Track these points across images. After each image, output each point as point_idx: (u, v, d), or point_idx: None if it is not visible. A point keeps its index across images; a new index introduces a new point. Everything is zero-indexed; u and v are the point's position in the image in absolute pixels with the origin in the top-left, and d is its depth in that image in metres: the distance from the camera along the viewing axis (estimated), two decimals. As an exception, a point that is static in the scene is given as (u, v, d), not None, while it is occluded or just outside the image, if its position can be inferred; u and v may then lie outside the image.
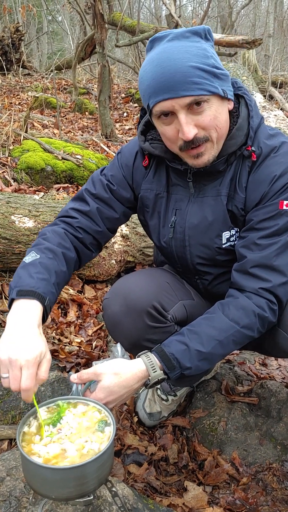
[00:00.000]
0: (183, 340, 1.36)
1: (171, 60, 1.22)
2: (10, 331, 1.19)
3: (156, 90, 1.25)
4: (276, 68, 11.67)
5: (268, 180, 1.38)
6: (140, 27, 7.25)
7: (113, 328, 1.55)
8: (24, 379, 1.12)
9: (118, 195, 1.57)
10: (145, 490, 1.58)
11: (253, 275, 1.40)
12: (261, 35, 14.00)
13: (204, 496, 1.58)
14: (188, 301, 1.64)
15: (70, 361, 2.15)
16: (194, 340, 1.35)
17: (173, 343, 1.36)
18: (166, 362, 1.34)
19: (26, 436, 1.16)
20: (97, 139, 6.00)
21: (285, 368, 2.30)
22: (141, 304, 1.48)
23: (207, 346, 1.35)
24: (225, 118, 1.34)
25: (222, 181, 1.45)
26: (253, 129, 1.40)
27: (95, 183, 1.58)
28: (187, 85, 1.22)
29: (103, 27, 5.80)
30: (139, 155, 1.57)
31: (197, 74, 1.22)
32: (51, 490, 1.09)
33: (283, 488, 1.64)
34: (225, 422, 1.83)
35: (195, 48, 1.24)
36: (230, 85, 1.35)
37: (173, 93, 1.23)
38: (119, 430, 1.81)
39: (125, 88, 11.19)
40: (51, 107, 8.25)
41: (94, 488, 1.14)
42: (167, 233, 1.56)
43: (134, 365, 1.33)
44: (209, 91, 1.25)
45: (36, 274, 1.31)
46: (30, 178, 4.25)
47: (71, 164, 4.45)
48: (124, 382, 1.30)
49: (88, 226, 1.53)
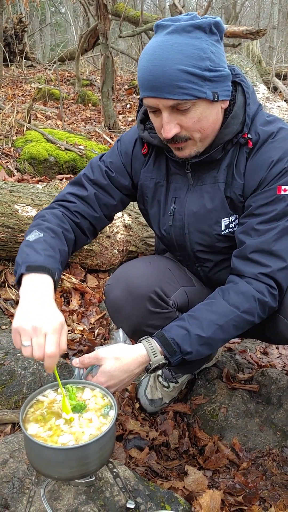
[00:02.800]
0: (184, 325, 1.37)
1: (162, 59, 1.21)
2: (28, 301, 1.19)
3: (144, 85, 1.27)
4: (280, 59, 11.59)
5: (265, 165, 1.38)
6: (144, 18, 7.21)
7: (114, 314, 1.56)
8: (49, 345, 1.12)
9: (116, 182, 1.58)
10: (146, 474, 1.60)
11: (252, 261, 1.41)
12: (265, 27, 13.90)
13: (204, 480, 1.60)
14: (190, 288, 1.65)
15: (73, 349, 2.17)
16: (195, 325, 1.36)
17: (173, 328, 1.37)
18: (167, 346, 1.35)
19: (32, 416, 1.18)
20: (100, 130, 6.00)
21: (286, 357, 2.32)
22: (143, 290, 1.49)
23: (207, 331, 1.36)
24: (213, 119, 1.33)
25: (219, 168, 1.46)
26: (249, 117, 1.39)
27: (94, 169, 1.58)
28: (172, 88, 1.22)
29: (107, 17, 5.78)
30: (138, 143, 1.58)
31: (184, 78, 1.21)
32: (54, 470, 1.11)
33: (282, 473, 1.66)
34: (225, 409, 1.85)
35: (191, 47, 1.21)
36: (227, 85, 1.33)
37: (158, 93, 1.24)
38: (121, 415, 1.83)
39: (128, 79, 11.15)
40: (54, 99, 8.23)
41: (96, 468, 1.16)
42: (166, 221, 1.57)
43: (135, 350, 1.34)
44: (194, 96, 1.24)
45: (43, 251, 1.31)
46: (33, 168, 4.26)
47: (74, 155, 4.46)
48: (125, 367, 1.31)
49: (85, 211, 1.54)
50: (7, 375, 1.78)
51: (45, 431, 1.14)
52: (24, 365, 1.83)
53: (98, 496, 1.31)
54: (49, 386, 1.28)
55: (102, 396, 1.26)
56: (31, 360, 1.84)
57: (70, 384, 1.30)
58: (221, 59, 1.29)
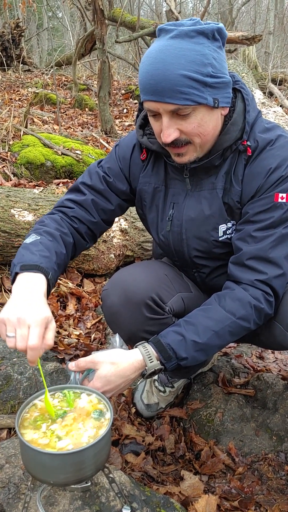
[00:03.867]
0: (180, 331, 1.37)
1: (164, 63, 1.21)
2: (17, 295, 1.21)
3: (145, 89, 1.27)
4: (276, 65, 11.66)
5: (263, 172, 1.39)
6: (140, 23, 7.25)
7: (111, 319, 1.56)
8: (32, 337, 1.13)
9: (114, 187, 1.59)
10: (142, 479, 1.60)
11: (249, 267, 1.42)
12: (261, 32, 13.97)
13: (200, 485, 1.60)
14: (186, 294, 1.66)
15: (69, 353, 2.17)
16: (190, 331, 1.37)
17: (169, 334, 1.38)
18: (163, 352, 1.35)
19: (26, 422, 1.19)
20: (96, 135, 6.01)
21: (281, 361, 2.32)
22: (139, 296, 1.50)
23: (203, 337, 1.36)
24: (213, 125, 1.34)
25: (217, 175, 1.46)
26: (249, 124, 1.40)
27: (92, 174, 1.59)
28: (173, 93, 1.22)
29: (103, 23, 5.80)
30: (136, 148, 1.58)
31: (186, 83, 1.22)
32: (49, 475, 1.11)
33: (278, 477, 1.66)
34: (221, 413, 1.85)
35: (194, 53, 1.22)
36: (228, 92, 1.33)
37: (159, 97, 1.25)
38: (117, 420, 1.83)
39: (125, 84, 11.18)
40: (51, 103, 8.25)
41: (91, 474, 1.16)
42: (164, 227, 1.58)
43: (131, 355, 1.34)
44: (195, 101, 1.24)
45: (38, 251, 1.34)
46: (30, 173, 4.26)
47: (70, 160, 4.47)
48: (121, 372, 1.31)
49: (83, 216, 1.55)
50: (3, 380, 1.78)
51: (41, 437, 1.15)
52: (20, 370, 1.83)
53: (93, 501, 1.31)
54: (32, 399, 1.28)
55: (99, 401, 1.26)
56: (27, 365, 1.84)
57: (67, 389, 1.30)
58: (223, 66, 1.29)
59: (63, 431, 1.17)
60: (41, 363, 1.22)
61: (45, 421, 1.20)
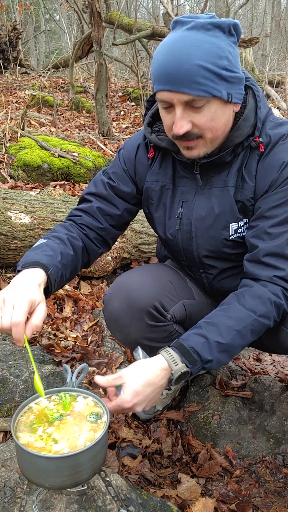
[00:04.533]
0: (201, 332, 1.32)
1: (181, 53, 1.20)
2: (9, 285, 1.24)
3: (160, 78, 1.25)
4: (273, 67, 11.69)
5: (277, 167, 1.37)
6: (137, 26, 7.26)
7: (112, 324, 1.55)
8: (15, 313, 1.15)
9: (118, 191, 1.58)
10: (139, 482, 1.59)
11: (266, 264, 1.39)
12: (258, 35, 14.02)
13: (198, 488, 1.59)
14: (189, 301, 1.64)
15: (65, 356, 2.16)
16: (213, 332, 1.31)
17: (191, 337, 1.32)
18: (187, 356, 1.28)
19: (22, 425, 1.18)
20: (94, 137, 6.01)
21: (279, 363, 2.32)
22: (142, 303, 1.48)
23: (226, 337, 1.30)
24: (225, 121, 1.32)
25: (229, 172, 1.44)
26: (260, 120, 1.38)
27: (97, 183, 1.60)
28: (188, 83, 1.21)
29: (100, 25, 5.81)
30: (141, 147, 1.57)
31: (202, 74, 1.20)
32: (45, 479, 1.11)
33: (275, 480, 1.66)
34: (219, 416, 1.85)
35: (210, 45, 1.21)
36: (241, 88, 1.32)
37: (174, 87, 1.23)
38: (114, 423, 1.82)
39: (123, 87, 11.20)
40: (48, 106, 8.25)
41: (87, 477, 1.15)
42: (173, 225, 1.55)
43: (155, 362, 1.29)
44: (210, 93, 1.23)
45: (42, 252, 1.36)
46: (26, 175, 4.26)
47: (67, 162, 4.46)
48: (147, 381, 1.26)
49: (90, 223, 1.56)
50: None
51: (37, 440, 1.14)
52: (16, 372, 1.82)
53: (90, 505, 1.30)
54: (28, 402, 1.27)
55: (95, 404, 1.25)
56: (24, 368, 1.83)
57: (63, 392, 1.29)
58: (237, 61, 1.28)
59: (59, 434, 1.16)
60: (38, 366, 1.21)
61: (41, 424, 1.19)
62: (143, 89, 8.02)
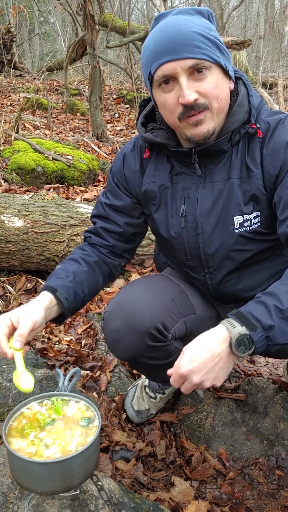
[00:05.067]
0: (259, 300, 1.24)
1: (175, 26, 1.25)
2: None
3: (159, 52, 1.26)
4: (267, 69, 11.74)
5: (283, 148, 1.36)
6: (131, 28, 7.27)
7: (112, 343, 1.51)
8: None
9: (115, 208, 1.61)
10: (132, 486, 1.59)
11: None
12: (252, 37, 14.08)
13: (191, 490, 1.59)
14: (190, 317, 1.61)
15: (59, 359, 2.16)
16: (271, 298, 1.22)
17: (249, 304, 1.23)
18: (245, 321, 1.18)
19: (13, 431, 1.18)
20: (88, 140, 6.02)
21: (272, 365, 2.33)
22: (144, 325, 1.45)
23: (285, 303, 1.22)
24: (227, 92, 1.34)
25: (230, 164, 1.43)
26: (254, 107, 1.39)
27: (97, 205, 1.67)
28: (190, 47, 1.24)
29: (94, 28, 5.82)
30: (128, 156, 1.59)
31: (201, 40, 1.25)
32: (37, 484, 1.11)
33: (269, 482, 1.66)
34: (212, 418, 1.85)
35: (199, 20, 1.28)
36: (232, 67, 1.36)
37: (176, 54, 1.24)
38: (108, 427, 1.82)
39: (117, 89, 11.22)
40: (42, 108, 8.25)
41: (80, 482, 1.15)
42: (176, 223, 1.52)
43: (214, 330, 1.22)
44: (211, 58, 1.26)
45: (53, 276, 1.51)
46: (20, 178, 4.26)
47: (61, 165, 4.47)
48: (204, 345, 1.18)
49: (99, 242, 1.64)
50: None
51: (29, 445, 1.14)
52: (9, 377, 1.82)
53: (82, 509, 1.30)
54: (33, 399, 1.28)
55: (87, 408, 1.26)
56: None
57: (55, 396, 1.29)
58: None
59: (50, 439, 1.16)
60: (31, 369, 1.24)
61: (33, 430, 1.19)
62: (137, 91, 8.04)
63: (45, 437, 1.17)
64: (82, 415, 1.23)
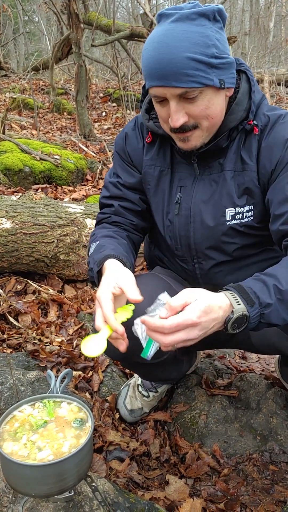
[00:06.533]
0: (259, 278, 1.24)
1: (169, 47, 1.21)
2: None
3: (150, 75, 1.26)
4: (252, 65, 11.77)
5: (281, 144, 1.36)
6: (116, 26, 7.25)
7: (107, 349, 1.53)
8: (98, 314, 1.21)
9: (128, 185, 1.59)
10: (127, 485, 1.59)
11: None
12: (237, 33, 14.11)
13: (186, 488, 1.60)
14: None
15: (51, 361, 2.15)
16: (271, 278, 1.22)
17: (249, 281, 1.23)
18: (244, 295, 1.18)
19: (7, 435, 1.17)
20: (75, 139, 5.99)
21: (264, 361, 2.33)
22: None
23: (285, 285, 1.20)
24: (220, 108, 1.33)
25: (226, 157, 1.44)
26: (255, 104, 1.39)
27: (108, 187, 1.62)
28: (179, 76, 1.22)
29: (79, 26, 5.79)
30: (130, 135, 1.58)
31: (192, 66, 1.21)
32: (31, 488, 1.10)
33: (263, 477, 1.67)
34: (205, 415, 1.85)
35: (196, 35, 1.22)
36: (232, 72, 1.33)
37: (165, 82, 1.23)
38: (101, 427, 1.81)
39: (103, 87, 11.18)
40: (29, 108, 8.21)
41: (73, 484, 1.15)
42: (171, 210, 1.54)
43: (219, 296, 1.18)
44: (202, 83, 1.24)
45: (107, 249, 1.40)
46: (8, 179, 4.23)
47: (49, 165, 4.44)
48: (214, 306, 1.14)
49: (121, 220, 1.59)
50: (-17, 391, 1.75)
51: (21, 448, 1.13)
52: (1, 380, 1.80)
53: (77, 511, 1.30)
54: (25, 402, 1.27)
55: (79, 409, 1.25)
56: (8, 375, 1.82)
57: (47, 398, 1.29)
58: (225, 47, 1.29)
59: (43, 442, 1.16)
60: (22, 372, 1.21)
61: (25, 432, 1.18)
62: (124, 89, 8.01)
63: (37, 440, 1.16)
64: (74, 417, 1.23)
